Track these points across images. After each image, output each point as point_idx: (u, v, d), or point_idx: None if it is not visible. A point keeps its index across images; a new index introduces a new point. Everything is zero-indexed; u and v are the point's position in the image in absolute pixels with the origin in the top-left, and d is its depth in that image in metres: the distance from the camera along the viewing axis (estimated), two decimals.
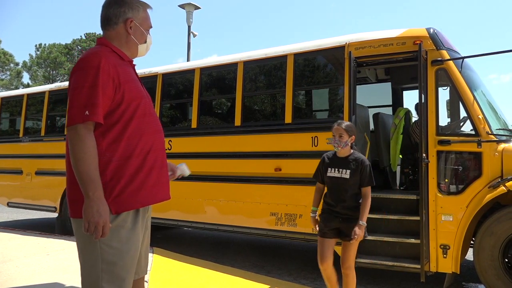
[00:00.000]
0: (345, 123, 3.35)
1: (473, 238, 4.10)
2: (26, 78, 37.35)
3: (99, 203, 1.70)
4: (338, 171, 3.27)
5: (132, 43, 2.01)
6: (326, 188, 3.40)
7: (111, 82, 1.80)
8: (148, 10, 2.07)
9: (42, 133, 7.46)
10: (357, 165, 3.24)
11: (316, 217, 3.43)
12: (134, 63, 2.11)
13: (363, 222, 3.19)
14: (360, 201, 3.25)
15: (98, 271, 1.79)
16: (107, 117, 1.80)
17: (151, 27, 2.09)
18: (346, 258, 3.27)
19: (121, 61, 1.94)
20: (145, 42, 2.05)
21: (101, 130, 1.80)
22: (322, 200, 3.42)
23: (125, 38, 1.99)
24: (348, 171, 3.24)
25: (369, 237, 4.35)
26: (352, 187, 3.23)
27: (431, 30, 4.34)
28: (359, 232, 3.15)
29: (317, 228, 3.38)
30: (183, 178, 2.36)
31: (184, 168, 2.30)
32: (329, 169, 3.32)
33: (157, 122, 2.02)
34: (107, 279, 1.79)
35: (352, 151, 3.34)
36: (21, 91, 9.11)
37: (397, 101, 6.21)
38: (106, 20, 1.98)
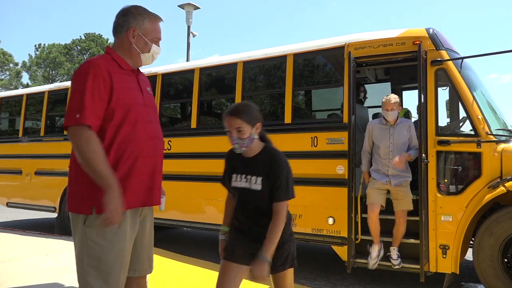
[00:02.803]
0: (239, 107, 2.18)
1: (473, 238, 4.10)
2: (25, 78, 37.42)
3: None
4: (246, 178, 2.19)
5: (134, 52, 2.06)
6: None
7: (103, 86, 1.88)
8: (160, 23, 2.12)
9: (42, 133, 7.45)
10: (268, 168, 2.15)
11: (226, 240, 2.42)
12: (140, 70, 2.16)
13: (264, 256, 2.06)
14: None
15: (85, 265, 1.90)
16: (103, 121, 1.89)
17: (159, 38, 2.12)
18: None
19: (119, 69, 2.00)
20: (149, 51, 2.08)
21: (99, 135, 1.87)
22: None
23: (127, 46, 2.05)
24: (259, 178, 2.15)
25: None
26: (269, 201, 2.16)
27: (431, 30, 4.34)
28: (256, 271, 2.07)
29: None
30: (182, 179, 2.35)
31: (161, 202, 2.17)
32: (234, 176, 2.25)
33: (152, 129, 2.07)
34: (93, 274, 1.89)
35: (263, 144, 2.23)
36: (20, 91, 9.11)
37: None
38: (114, 28, 2.08)
